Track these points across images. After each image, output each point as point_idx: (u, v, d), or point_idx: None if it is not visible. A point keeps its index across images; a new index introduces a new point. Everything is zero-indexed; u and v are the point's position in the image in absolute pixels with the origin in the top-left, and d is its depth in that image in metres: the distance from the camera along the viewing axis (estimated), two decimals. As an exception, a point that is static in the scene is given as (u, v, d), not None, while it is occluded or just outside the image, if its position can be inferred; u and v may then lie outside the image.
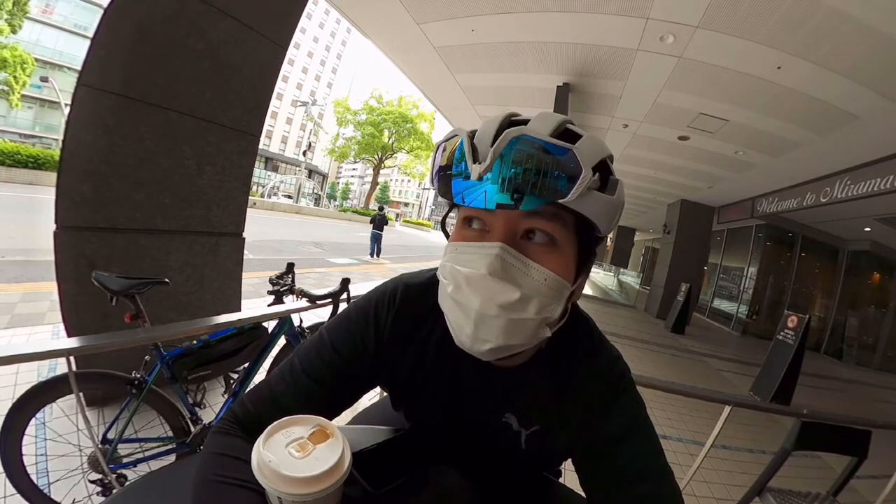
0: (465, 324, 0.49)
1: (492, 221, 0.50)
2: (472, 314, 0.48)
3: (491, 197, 0.46)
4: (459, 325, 0.50)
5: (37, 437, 1.70)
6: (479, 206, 0.47)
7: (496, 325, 0.48)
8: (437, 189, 0.53)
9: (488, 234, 0.50)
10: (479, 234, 0.51)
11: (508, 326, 0.48)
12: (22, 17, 20.76)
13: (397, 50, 5.34)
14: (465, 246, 0.51)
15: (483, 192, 0.46)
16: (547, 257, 0.49)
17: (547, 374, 0.60)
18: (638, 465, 0.56)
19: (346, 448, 0.47)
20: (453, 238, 0.55)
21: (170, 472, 0.65)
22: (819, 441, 1.68)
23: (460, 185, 0.49)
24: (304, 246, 11.34)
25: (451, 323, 0.53)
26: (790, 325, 4.48)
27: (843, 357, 9.24)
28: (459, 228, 0.55)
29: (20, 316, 3.25)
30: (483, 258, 0.48)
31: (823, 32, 3.05)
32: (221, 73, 2.36)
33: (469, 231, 0.53)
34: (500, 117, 0.51)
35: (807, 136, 4.76)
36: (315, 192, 45.34)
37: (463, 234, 0.53)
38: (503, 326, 0.48)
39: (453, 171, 0.49)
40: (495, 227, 0.50)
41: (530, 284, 0.48)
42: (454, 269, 0.50)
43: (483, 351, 0.50)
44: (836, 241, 9.58)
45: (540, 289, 0.48)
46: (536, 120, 0.49)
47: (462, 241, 0.52)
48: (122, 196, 2.10)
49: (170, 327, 1.43)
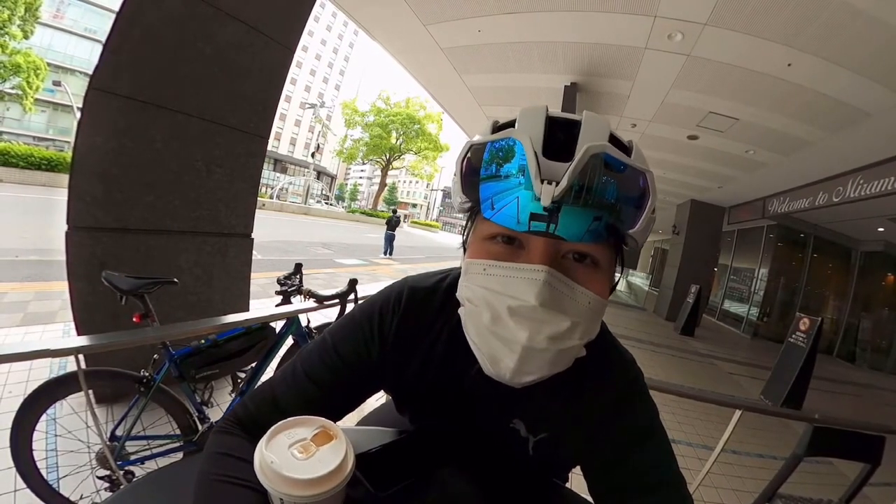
0: (505, 358, 0.44)
1: (529, 238, 0.44)
2: (516, 348, 0.43)
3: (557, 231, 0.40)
4: (496, 359, 0.45)
5: (47, 433, 1.73)
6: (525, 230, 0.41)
7: (543, 358, 0.43)
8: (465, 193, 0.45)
9: (525, 254, 0.44)
10: (512, 252, 0.45)
11: (555, 357, 0.44)
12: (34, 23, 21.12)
13: (404, 51, 5.35)
14: (497, 266, 0.44)
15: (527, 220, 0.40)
16: (590, 278, 0.45)
17: (558, 379, 0.58)
18: (650, 474, 0.54)
19: (349, 450, 0.46)
20: (477, 253, 0.47)
21: (176, 469, 0.65)
22: (831, 447, 1.65)
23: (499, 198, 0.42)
24: (312, 247, 11.41)
25: (482, 354, 0.46)
26: (802, 327, 4.40)
27: (857, 360, 9.07)
28: (482, 241, 0.47)
29: (33, 314, 3.31)
30: (528, 284, 0.42)
31: (834, 28, 3.00)
32: (230, 76, 2.38)
33: (498, 247, 0.46)
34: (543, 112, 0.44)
35: (818, 133, 4.69)
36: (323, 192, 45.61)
37: (489, 249, 0.46)
38: (550, 358, 0.44)
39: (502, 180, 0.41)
40: (535, 246, 0.44)
41: (576, 310, 0.44)
42: (489, 295, 0.44)
43: (523, 382, 0.45)
44: (849, 241, 9.40)
45: (585, 313, 0.44)
46: (590, 125, 0.43)
47: (489, 258, 0.45)
48: (133, 197, 2.13)
49: (178, 326, 1.45)
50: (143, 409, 1.53)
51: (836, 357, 9.31)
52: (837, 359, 9.23)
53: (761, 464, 2.88)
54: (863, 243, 9.28)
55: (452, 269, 0.66)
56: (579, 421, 0.58)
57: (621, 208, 0.41)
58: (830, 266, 10.13)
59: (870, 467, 1.70)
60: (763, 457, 3.00)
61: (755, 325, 9.88)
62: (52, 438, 1.73)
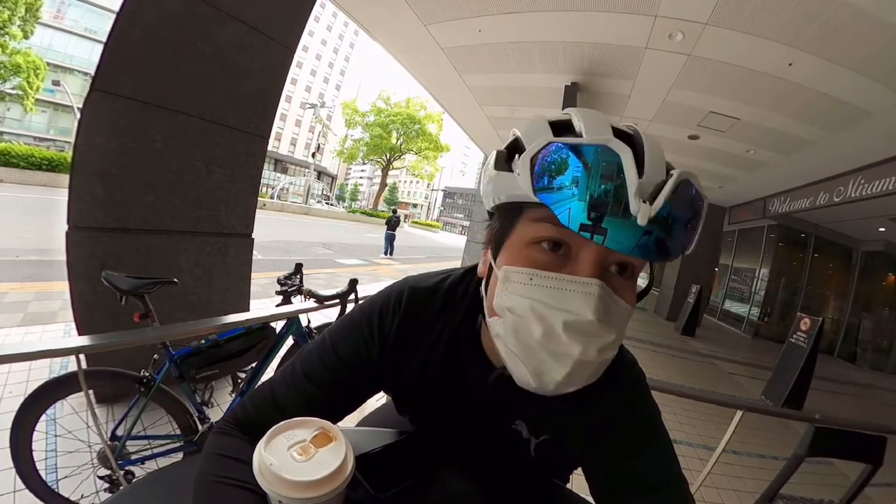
0: (552, 371, 0.43)
1: (581, 247, 0.42)
2: (568, 363, 0.41)
3: (622, 240, 0.38)
4: (541, 371, 0.43)
5: (47, 433, 1.73)
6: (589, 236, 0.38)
7: (589, 370, 0.43)
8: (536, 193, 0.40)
9: (573, 264, 0.43)
10: (558, 260, 0.43)
11: (598, 369, 0.44)
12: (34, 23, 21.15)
13: (404, 51, 5.35)
14: (546, 277, 0.42)
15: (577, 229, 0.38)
16: (627, 289, 0.45)
17: None
18: (652, 474, 0.54)
19: (348, 452, 0.46)
20: (516, 260, 0.45)
21: (176, 469, 0.65)
22: (832, 447, 1.64)
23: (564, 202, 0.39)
24: (312, 247, 11.42)
25: (525, 367, 0.44)
26: (803, 327, 4.40)
27: (857, 361, 9.06)
28: (525, 247, 0.45)
29: (33, 314, 3.31)
30: (584, 299, 0.41)
31: (835, 27, 3.00)
32: (230, 76, 2.38)
33: (542, 254, 0.44)
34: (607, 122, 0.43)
35: (819, 133, 4.68)
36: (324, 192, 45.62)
37: (535, 257, 0.44)
38: (594, 370, 0.43)
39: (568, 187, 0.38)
40: (586, 257, 0.42)
41: (619, 322, 0.44)
42: (540, 308, 0.42)
43: (560, 392, 0.45)
44: (850, 241, 9.38)
45: (623, 324, 0.44)
46: (652, 143, 0.42)
47: (535, 266, 0.43)
48: (133, 197, 2.13)
49: (178, 326, 1.45)
50: (144, 409, 1.53)
51: (836, 357, 9.29)
52: (838, 359, 9.21)
53: (762, 464, 2.87)
54: (864, 243, 9.26)
55: (453, 269, 0.66)
56: (582, 422, 0.58)
57: (678, 231, 0.41)
58: (831, 266, 10.12)
59: (871, 468, 1.70)
60: (764, 457, 2.99)
61: (756, 326, 9.87)
62: (52, 439, 1.73)
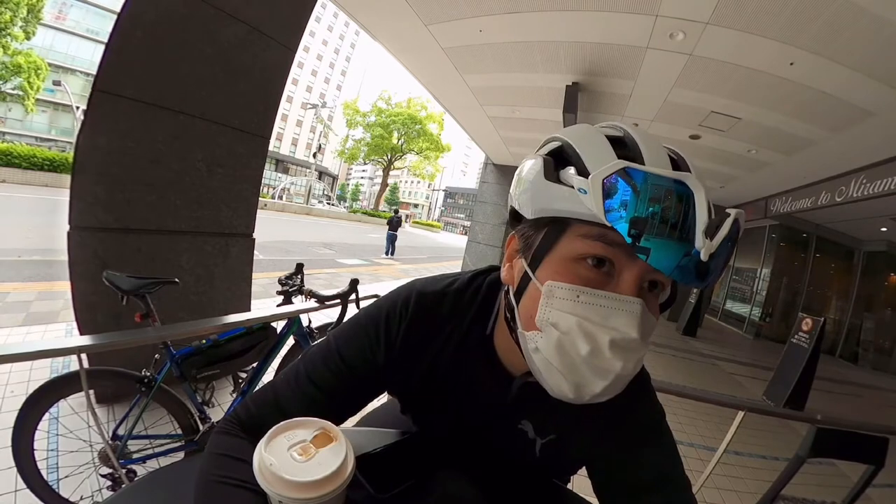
0: (592, 385, 0.43)
1: (625, 266, 0.43)
2: (609, 377, 0.43)
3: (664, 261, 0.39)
4: (580, 385, 0.44)
5: (49, 432, 1.73)
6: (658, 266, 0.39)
7: (623, 381, 0.44)
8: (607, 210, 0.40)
9: (615, 282, 0.44)
10: (602, 277, 0.44)
11: (629, 379, 0.45)
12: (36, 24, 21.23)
13: (405, 51, 5.34)
14: (593, 294, 0.43)
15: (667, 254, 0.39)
16: (655, 304, 0.46)
17: None
18: (655, 474, 0.54)
19: (349, 452, 0.46)
20: (559, 275, 0.45)
21: (177, 469, 0.65)
22: (834, 448, 1.64)
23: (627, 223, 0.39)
24: (314, 247, 11.42)
25: (565, 381, 0.45)
26: (804, 327, 4.39)
27: (859, 361, 9.04)
28: (569, 262, 0.45)
29: (35, 314, 3.32)
30: (629, 318, 0.42)
31: (836, 26, 2.99)
32: (231, 77, 2.38)
33: (588, 271, 0.44)
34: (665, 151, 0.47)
35: (821, 133, 4.67)
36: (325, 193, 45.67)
37: (580, 273, 0.44)
38: (626, 381, 0.45)
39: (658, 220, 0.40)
40: (629, 276, 0.43)
41: (650, 336, 0.46)
42: (588, 326, 0.42)
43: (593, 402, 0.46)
44: (852, 241, 9.37)
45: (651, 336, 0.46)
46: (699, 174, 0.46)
47: (577, 282, 0.44)
48: (134, 197, 2.13)
49: (179, 326, 1.45)
50: (145, 409, 1.53)
51: (838, 358, 9.27)
52: (840, 359, 9.20)
53: (763, 465, 2.87)
54: (865, 243, 9.25)
55: (461, 272, 0.66)
56: (587, 422, 0.59)
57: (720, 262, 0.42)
58: (833, 266, 10.10)
59: (873, 469, 1.69)
60: (765, 458, 2.99)
61: (757, 326, 9.85)
62: (54, 438, 1.73)
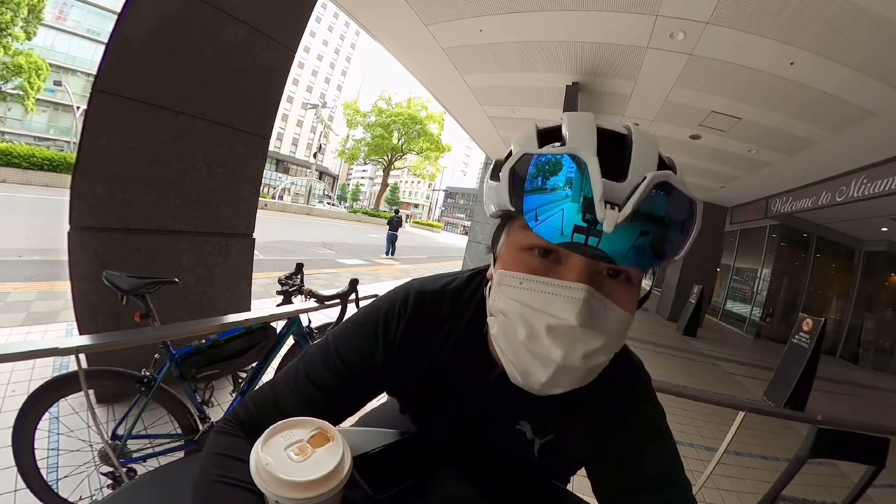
0: (537, 372, 0.44)
1: (569, 253, 0.43)
2: (551, 365, 0.42)
3: (608, 247, 0.38)
4: (528, 372, 0.45)
5: (49, 432, 1.73)
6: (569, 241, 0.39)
7: (575, 375, 0.44)
8: (512, 203, 0.42)
9: (563, 269, 0.43)
10: (548, 266, 0.44)
11: (585, 374, 0.44)
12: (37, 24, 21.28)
13: (405, 51, 5.35)
14: (535, 281, 0.43)
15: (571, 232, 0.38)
16: (623, 295, 0.44)
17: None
18: (655, 476, 0.54)
19: (346, 452, 0.46)
20: (509, 264, 0.46)
21: (176, 468, 0.65)
22: (835, 448, 1.64)
23: (544, 209, 0.40)
24: (314, 247, 11.43)
25: (513, 366, 0.46)
26: (805, 328, 4.38)
27: (860, 361, 9.02)
28: (518, 252, 0.46)
29: (35, 314, 3.32)
30: (568, 303, 0.41)
31: (836, 26, 2.99)
32: (231, 77, 2.38)
33: (533, 259, 0.45)
34: (593, 124, 0.43)
35: (821, 133, 4.67)
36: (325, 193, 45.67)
37: (525, 261, 0.45)
38: (581, 374, 0.44)
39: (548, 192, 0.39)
40: (574, 262, 0.42)
41: (609, 328, 0.43)
42: (526, 311, 0.43)
43: (549, 393, 0.46)
44: (853, 241, 9.36)
45: (617, 330, 0.44)
46: (641, 144, 0.42)
47: (525, 270, 0.45)
48: (135, 197, 2.13)
49: (179, 326, 1.45)
50: (145, 409, 1.53)
51: (839, 358, 9.26)
52: (840, 359, 9.18)
53: (764, 465, 2.87)
54: (866, 243, 9.24)
55: (460, 272, 0.66)
56: (587, 423, 0.59)
57: (670, 234, 0.41)
58: (833, 266, 10.09)
59: (874, 469, 1.69)
60: (766, 458, 2.98)
61: (758, 326, 9.84)
62: (55, 437, 1.73)
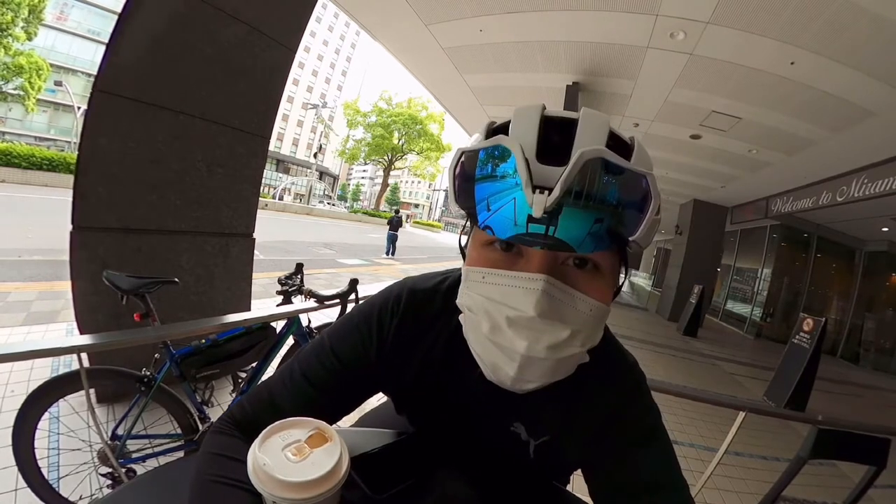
0: (505, 366, 0.44)
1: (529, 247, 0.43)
2: (516, 357, 0.42)
3: (540, 235, 0.38)
4: (497, 366, 0.45)
5: (49, 431, 1.73)
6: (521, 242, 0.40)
7: (543, 367, 0.43)
8: (458, 201, 0.44)
9: (523, 261, 0.43)
10: (511, 259, 0.44)
11: (555, 366, 0.44)
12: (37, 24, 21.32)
13: (406, 51, 5.35)
14: (496, 275, 0.44)
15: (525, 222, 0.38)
16: (591, 285, 0.44)
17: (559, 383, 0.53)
18: (651, 477, 0.53)
19: (343, 453, 0.46)
20: (474, 260, 0.47)
21: (175, 467, 0.65)
22: (835, 449, 1.64)
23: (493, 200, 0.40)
24: (314, 247, 11.43)
25: (483, 361, 0.47)
26: (806, 328, 4.38)
27: (860, 361, 9.02)
28: (481, 248, 0.46)
29: (36, 314, 3.32)
30: (526, 294, 0.41)
31: (837, 26, 2.99)
32: (231, 77, 2.38)
33: (495, 253, 0.45)
34: (538, 113, 0.42)
35: (821, 133, 4.67)
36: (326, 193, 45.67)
37: (488, 256, 0.45)
38: (550, 367, 0.43)
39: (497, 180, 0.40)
40: (533, 254, 0.42)
41: (577, 318, 0.43)
42: (487, 305, 0.43)
43: (525, 389, 0.46)
44: (853, 241, 9.35)
45: (587, 321, 0.44)
46: (588, 125, 0.41)
47: (488, 265, 0.45)
48: (135, 198, 2.14)
49: (179, 326, 1.45)
50: (144, 409, 1.53)
51: (839, 358, 9.25)
52: (841, 360, 9.18)
53: (764, 466, 2.86)
54: (867, 243, 9.23)
55: (453, 270, 0.66)
56: (581, 424, 0.58)
57: (622, 213, 0.39)
58: (834, 266, 10.08)
59: (875, 470, 1.69)
60: (766, 459, 2.98)
61: (758, 326, 9.84)
62: (55, 437, 1.73)
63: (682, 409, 3.38)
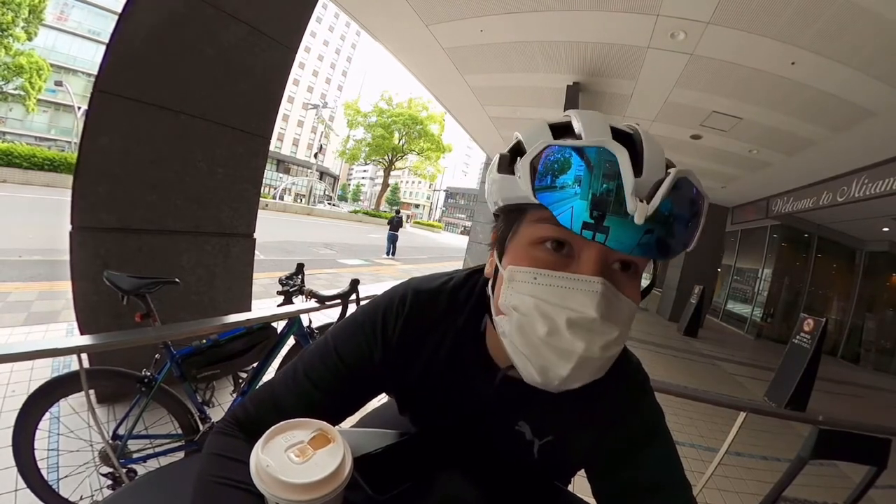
0: (557, 367, 0.43)
1: (582, 246, 0.43)
2: (572, 359, 0.42)
3: (623, 239, 0.38)
4: (546, 368, 0.44)
5: (49, 432, 1.73)
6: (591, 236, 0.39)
7: (593, 367, 0.44)
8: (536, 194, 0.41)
9: (575, 263, 0.43)
10: (562, 260, 0.44)
11: (602, 365, 0.44)
12: (38, 25, 21.33)
13: (406, 52, 5.35)
14: (549, 276, 0.43)
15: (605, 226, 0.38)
16: (631, 286, 0.45)
17: None
18: (654, 477, 0.54)
19: (346, 454, 0.46)
20: (521, 259, 0.46)
21: (176, 468, 0.65)
22: (836, 449, 1.64)
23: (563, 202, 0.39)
24: (315, 247, 11.43)
25: (530, 363, 0.45)
26: (806, 328, 4.38)
27: (861, 362, 9.01)
28: (528, 247, 0.46)
29: (36, 314, 3.32)
30: (587, 297, 0.42)
31: (838, 26, 2.98)
32: (232, 77, 2.38)
33: (546, 253, 0.45)
34: (605, 120, 0.44)
35: (822, 133, 4.66)
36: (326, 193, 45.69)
37: (538, 257, 0.45)
38: (599, 366, 0.44)
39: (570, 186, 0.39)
40: (589, 255, 0.43)
41: (622, 319, 0.44)
42: (544, 306, 0.43)
43: (565, 388, 0.45)
44: (854, 241, 9.35)
45: (626, 321, 0.45)
46: (651, 143, 0.43)
47: (538, 266, 0.44)
48: (136, 198, 2.14)
49: (179, 326, 1.45)
50: (145, 409, 1.53)
51: (840, 358, 9.25)
52: (841, 360, 9.18)
53: (765, 466, 2.86)
54: (867, 243, 9.23)
55: (457, 270, 0.66)
56: (585, 424, 0.58)
57: (678, 229, 0.42)
58: (835, 266, 10.09)
59: (875, 470, 1.69)
60: (767, 459, 2.98)
61: (759, 326, 9.84)
62: (55, 437, 1.73)
63: (682, 410, 3.38)
